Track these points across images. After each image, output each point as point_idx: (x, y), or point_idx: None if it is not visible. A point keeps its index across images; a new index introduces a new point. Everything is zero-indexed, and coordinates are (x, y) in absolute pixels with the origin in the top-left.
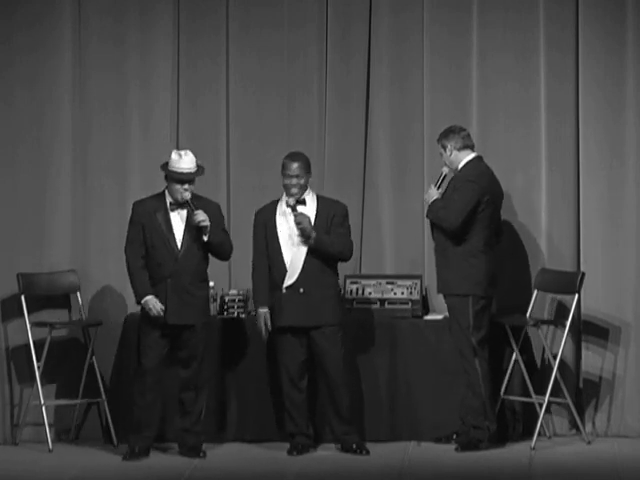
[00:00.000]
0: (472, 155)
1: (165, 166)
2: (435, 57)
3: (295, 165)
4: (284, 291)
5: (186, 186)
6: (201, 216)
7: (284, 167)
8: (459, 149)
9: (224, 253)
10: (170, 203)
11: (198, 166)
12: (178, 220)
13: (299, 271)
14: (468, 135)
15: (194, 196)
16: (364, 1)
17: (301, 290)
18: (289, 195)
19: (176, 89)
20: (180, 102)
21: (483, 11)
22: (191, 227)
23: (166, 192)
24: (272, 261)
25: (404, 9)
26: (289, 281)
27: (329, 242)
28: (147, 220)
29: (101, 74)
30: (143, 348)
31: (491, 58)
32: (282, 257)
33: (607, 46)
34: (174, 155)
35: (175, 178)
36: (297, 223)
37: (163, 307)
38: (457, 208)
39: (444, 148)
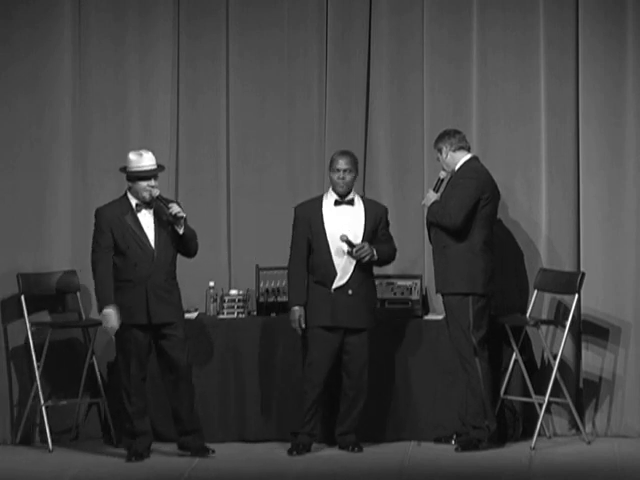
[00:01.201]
0: (468, 156)
1: (124, 169)
2: (435, 57)
3: (345, 159)
4: (332, 291)
5: (152, 182)
6: (177, 207)
7: (332, 162)
8: (454, 150)
9: (194, 247)
10: (136, 204)
11: (158, 165)
12: (147, 220)
13: (350, 273)
14: (463, 137)
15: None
16: (364, 1)
17: (350, 292)
18: (336, 190)
19: (176, 89)
20: (180, 102)
21: (483, 11)
22: (162, 224)
23: (128, 194)
24: (318, 259)
25: (404, 9)
26: (339, 282)
27: (386, 255)
28: (116, 224)
29: (101, 74)
30: (127, 353)
31: (491, 58)
32: (331, 257)
33: (607, 46)
34: (133, 156)
35: (140, 177)
36: (361, 259)
37: (117, 327)
38: (458, 205)
39: (440, 151)
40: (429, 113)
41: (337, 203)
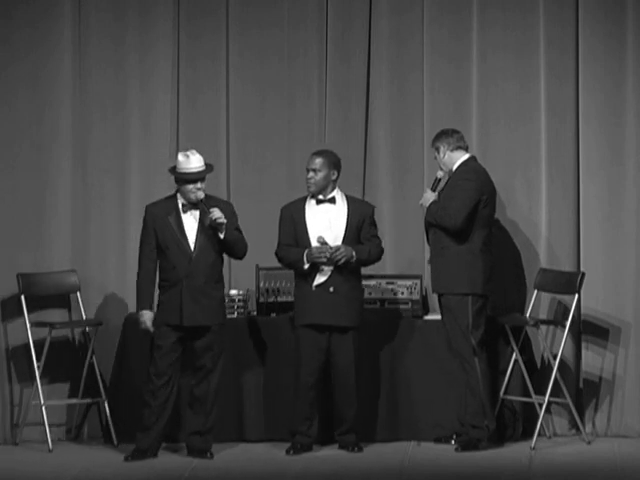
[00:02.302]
0: (466, 156)
1: (173, 170)
2: (435, 57)
3: (315, 160)
4: (314, 289)
5: (198, 185)
6: (217, 213)
7: (307, 162)
8: (452, 150)
9: (239, 252)
10: (183, 205)
11: (206, 164)
12: (190, 221)
13: (331, 271)
14: (461, 137)
15: (206, 196)
16: (364, 1)
17: (331, 289)
18: (308, 190)
19: (176, 89)
20: (180, 102)
21: (483, 11)
22: (205, 227)
23: (178, 194)
24: None
25: (404, 9)
26: (320, 279)
27: (367, 254)
28: (159, 223)
29: (101, 74)
30: (157, 349)
31: (491, 58)
32: None
33: (607, 46)
34: (181, 157)
35: (186, 179)
36: (337, 261)
37: (152, 329)
38: (458, 206)
39: (437, 150)
40: (429, 113)
41: (319, 202)
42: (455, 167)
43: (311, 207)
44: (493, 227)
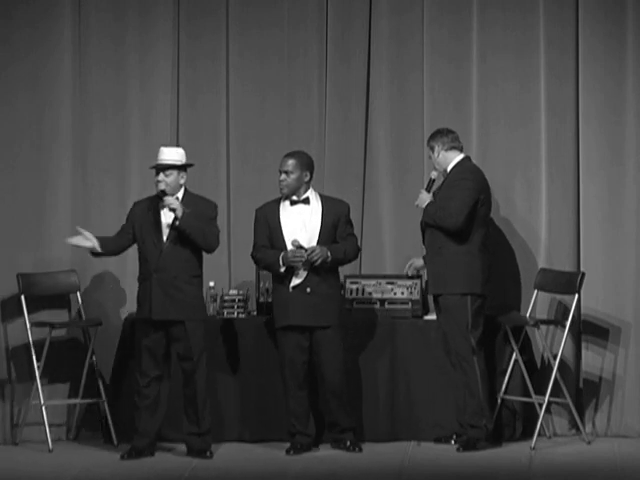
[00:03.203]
0: (461, 156)
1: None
2: (435, 57)
3: (287, 161)
4: (291, 290)
5: (161, 176)
6: (170, 200)
7: (279, 164)
8: (446, 150)
9: (203, 242)
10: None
11: (188, 163)
12: (167, 217)
13: (307, 272)
14: (456, 137)
15: (190, 194)
16: (364, 1)
17: (308, 290)
18: (280, 191)
19: (176, 89)
20: (180, 102)
21: (483, 11)
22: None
23: None
24: None
25: (404, 9)
26: (297, 281)
27: (342, 253)
28: (138, 218)
29: (101, 74)
30: (138, 348)
31: (491, 58)
32: None
33: (607, 46)
34: (159, 150)
35: (154, 170)
36: (313, 262)
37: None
38: (458, 206)
39: (432, 150)
40: (429, 113)
41: (293, 203)
42: (450, 167)
43: (285, 208)
44: (491, 227)
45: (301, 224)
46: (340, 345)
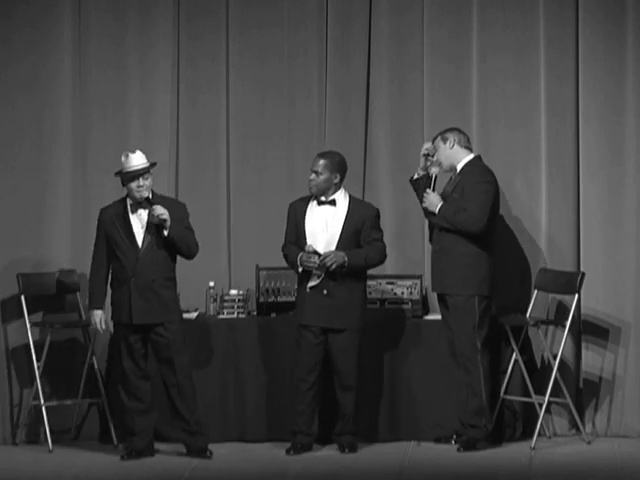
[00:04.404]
0: (471, 155)
1: (119, 173)
2: (435, 57)
3: (318, 161)
4: (308, 290)
5: (140, 182)
6: (159, 210)
7: (312, 163)
8: (462, 146)
9: (187, 251)
10: (131, 205)
11: (151, 163)
12: (139, 221)
13: (323, 275)
14: (469, 140)
15: (158, 196)
16: (364, 1)
17: (325, 292)
18: (309, 190)
19: (176, 89)
20: (180, 102)
21: (483, 11)
22: (151, 226)
23: (128, 196)
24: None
25: (404, 9)
26: (313, 282)
27: (363, 259)
28: (109, 225)
29: (101, 74)
30: (119, 352)
31: (491, 58)
32: None
33: (607, 46)
34: (122, 157)
35: (128, 177)
36: (328, 268)
37: (105, 328)
38: (481, 209)
39: (445, 140)
40: (429, 113)
41: (320, 203)
42: (460, 165)
43: (312, 208)
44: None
45: (323, 225)
46: (354, 350)
